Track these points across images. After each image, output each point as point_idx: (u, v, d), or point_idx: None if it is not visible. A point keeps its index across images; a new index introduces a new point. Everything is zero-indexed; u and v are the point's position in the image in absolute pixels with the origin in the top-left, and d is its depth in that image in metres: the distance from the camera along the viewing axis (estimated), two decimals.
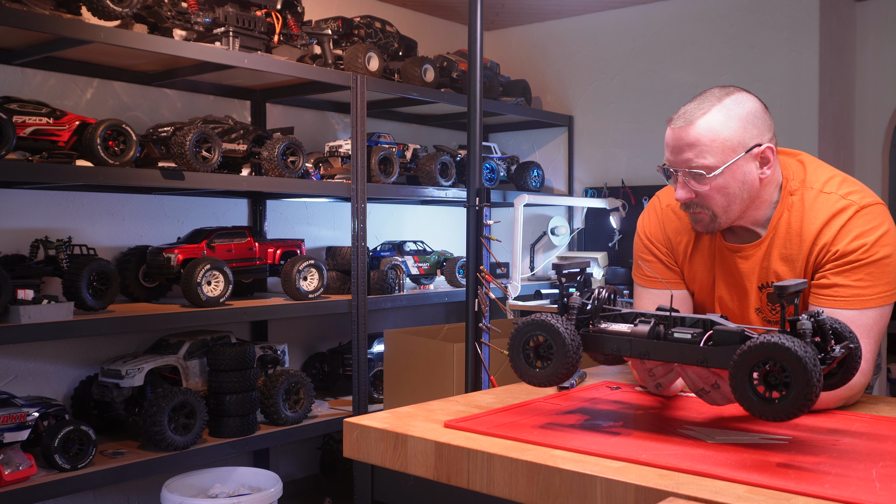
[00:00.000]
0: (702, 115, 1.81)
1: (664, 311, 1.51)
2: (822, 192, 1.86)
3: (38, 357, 3.26)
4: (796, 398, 1.26)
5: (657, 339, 1.48)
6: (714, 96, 1.83)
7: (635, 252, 2.16)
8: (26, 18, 2.62)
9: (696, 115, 1.81)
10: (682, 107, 1.86)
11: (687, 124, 1.82)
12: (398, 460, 1.54)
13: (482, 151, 3.71)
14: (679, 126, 1.83)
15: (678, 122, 1.83)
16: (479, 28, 2.92)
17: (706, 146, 1.80)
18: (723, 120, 1.80)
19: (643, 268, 2.10)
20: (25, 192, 3.21)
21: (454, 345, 3.26)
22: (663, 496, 1.19)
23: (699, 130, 1.80)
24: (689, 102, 1.85)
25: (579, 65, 4.95)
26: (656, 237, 2.10)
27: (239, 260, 3.46)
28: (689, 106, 1.84)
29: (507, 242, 4.30)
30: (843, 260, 1.79)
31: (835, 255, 1.80)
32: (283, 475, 3.73)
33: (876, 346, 1.81)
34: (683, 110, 1.84)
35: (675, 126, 1.84)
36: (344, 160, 3.80)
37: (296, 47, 3.54)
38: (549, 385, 1.51)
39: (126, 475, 2.89)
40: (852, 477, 1.25)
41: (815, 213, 1.84)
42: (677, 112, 1.86)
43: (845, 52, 4.36)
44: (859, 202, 1.82)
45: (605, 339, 1.53)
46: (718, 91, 1.84)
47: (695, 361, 1.45)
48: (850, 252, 1.79)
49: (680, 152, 1.83)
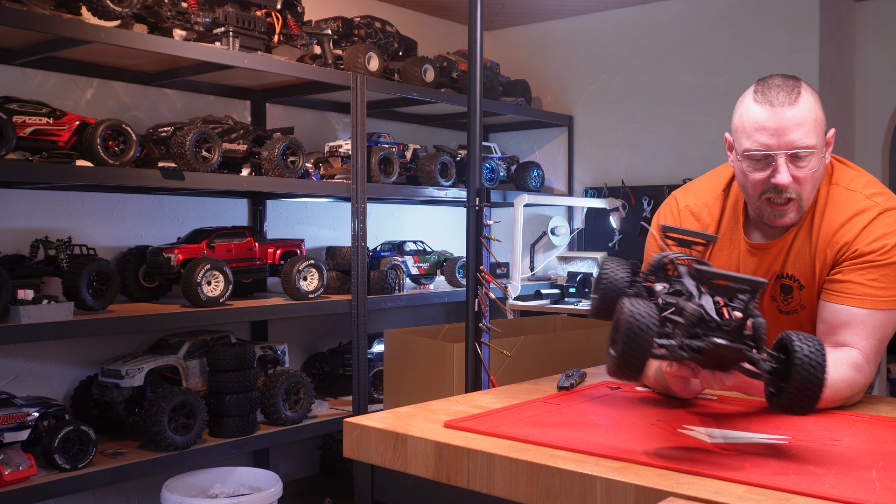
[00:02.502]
0: (799, 94, 1.74)
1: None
2: (848, 188, 1.85)
3: (38, 357, 3.26)
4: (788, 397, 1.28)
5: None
6: (789, 78, 1.77)
7: (647, 250, 2.11)
8: (26, 18, 2.62)
9: (793, 94, 1.74)
10: (761, 90, 1.78)
11: (791, 104, 1.74)
12: (398, 460, 1.53)
13: (482, 151, 3.72)
14: (783, 105, 1.74)
15: (780, 101, 1.74)
16: (479, 28, 2.92)
17: (811, 126, 1.75)
18: (815, 100, 1.77)
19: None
20: (25, 192, 3.21)
21: (454, 345, 3.26)
22: (663, 496, 1.19)
23: (804, 110, 1.74)
24: (766, 87, 1.77)
25: (579, 65, 4.95)
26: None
27: (239, 260, 3.46)
28: (770, 88, 1.76)
29: (507, 242, 4.30)
30: (860, 259, 1.79)
31: (854, 253, 1.80)
32: (283, 475, 3.73)
33: (881, 348, 1.80)
34: (774, 92, 1.75)
35: (777, 105, 1.74)
36: (344, 160, 3.80)
37: (296, 47, 3.54)
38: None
39: (126, 475, 2.89)
40: (852, 477, 1.25)
41: (838, 210, 1.83)
42: (761, 95, 1.77)
43: (845, 51, 4.36)
44: (883, 204, 1.81)
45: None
46: (781, 76, 1.79)
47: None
48: (869, 252, 1.78)
49: (785, 133, 1.74)
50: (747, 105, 1.81)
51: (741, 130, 1.81)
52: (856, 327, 1.77)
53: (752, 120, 1.78)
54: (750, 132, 1.78)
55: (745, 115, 1.81)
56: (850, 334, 1.76)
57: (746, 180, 1.83)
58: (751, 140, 1.78)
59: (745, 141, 1.80)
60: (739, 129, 1.82)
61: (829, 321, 1.81)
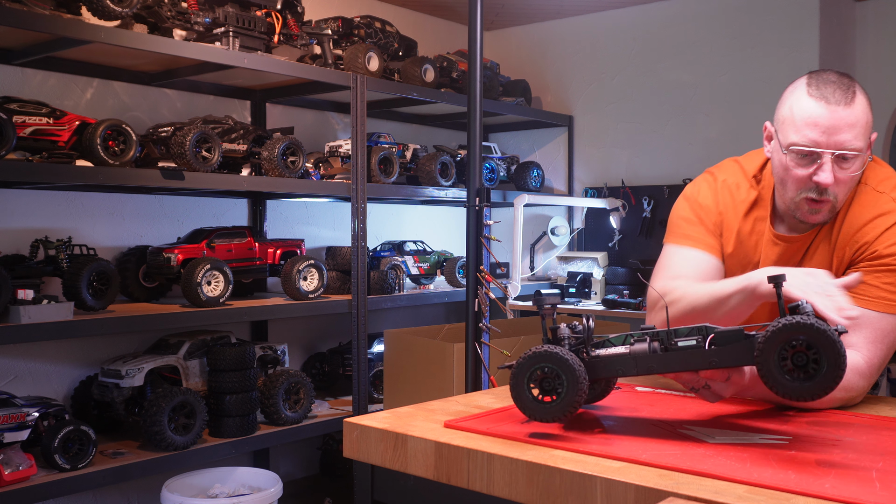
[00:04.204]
0: (854, 95, 1.70)
1: (648, 329, 1.51)
2: (876, 189, 1.82)
3: (38, 357, 3.26)
4: (829, 371, 1.29)
5: (660, 351, 1.47)
6: (844, 75, 1.73)
7: (675, 213, 2.03)
8: (26, 18, 2.62)
9: (849, 94, 1.70)
10: (815, 83, 1.73)
11: (847, 104, 1.69)
12: (398, 460, 1.53)
13: (482, 151, 3.72)
14: (839, 104, 1.69)
15: (836, 100, 1.69)
16: (479, 28, 2.92)
17: (862, 128, 1.71)
18: (867, 102, 1.74)
19: (683, 228, 1.98)
20: (25, 192, 3.21)
21: (454, 345, 3.26)
22: (663, 496, 1.19)
23: (858, 111, 1.70)
24: (821, 81, 1.72)
25: (579, 65, 4.95)
26: (707, 206, 1.97)
27: (239, 260, 3.46)
28: (826, 84, 1.71)
29: (507, 242, 4.30)
30: (878, 261, 1.77)
31: (872, 254, 1.78)
32: (283, 475, 3.73)
33: (887, 354, 1.78)
34: (830, 88, 1.70)
35: (833, 103, 1.69)
36: (344, 160, 3.80)
37: (296, 47, 3.54)
38: (563, 418, 1.46)
39: (126, 475, 2.89)
40: (852, 477, 1.25)
41: (863, 209, 1.81)
42: (816, 89, 1.72)
43: (845, 51, 4.36)
44: None
45: (609, 361, 1.51)
46: (836, 72, 1.75)
47: (705, 366, 1.44)
48: (888, 255, 1.76)
49: (837, 132, 1.69)
50: (799, 98, 1.74)
51: (790, 123, 1.75)
52: (864, 329, 1.75)
53: (805, 114, 1.72)
54: (800, 126, 1.72)
55: (796, 107, 1.74)
56: (858, 335, 1.74)
57: (787, 174, 1.78)
58: (800, 134, 1.72)
59: (794, 135, 1.73)
60: (788, 121, 1.76)
61: None
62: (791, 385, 1.32)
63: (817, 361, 1.30)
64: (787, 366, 1.32)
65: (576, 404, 1.45)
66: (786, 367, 1.32)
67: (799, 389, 1.32)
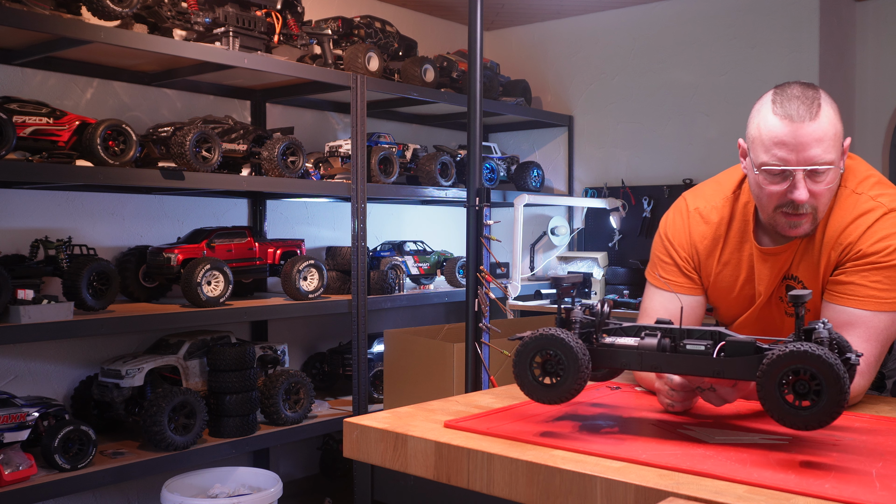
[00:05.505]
0: (819, 107, 1.68)
1: (664, 323, 1.50)
2: (855, 191, 1.82)
3: (38, 357, 3.26)
4: (828, 405, 1.27)
5: (668, 351, 1.46)
6: (808, 87, 1.72)
7: (653, 250, 2.07)
8: (26, 18, 2.62)
9: (813, 108, 1.68)
10: (779, 100, 1.72)
11: (812, 118, 1.68)
12: (398, 460, 1.53)
13: (482, 151, 3.72)
14: (803, 120, 1.68)
15: (800, 116, 1.68)
16: (479, 28, 2.92)
17: (831, 141, 1.69)
18: (834, 112, 1.72)
19: (658, 269, 2.02)
20: (25, 192, 3.21)
21: (454, 345, 3.26)
22: (663, 496, 1.19)
23: (824, 125, 1.68)
24: (785, 97, 1.71)
25: (579, 65, 4.95)
26: (679, 241, 2.00)
27: (239, 260, 3.45)
28: (790, 100, 1.70)
29: (507, 242, 4.30)
30: (863, 260, 1.77)
31: (857, 254, 1.78)
32: (283, 475, 3.73)
33: (882, 350, 1.79)
34: (794, 105, 1.69)
35: (797, 120, 1.68)
36: (344, 160, 3.80)
37: (296, 47, 3.54)
38: (561, 402, 1.46)
39: (126, 475, 2.89)
40: (852, 477, 1.25)
41: (843, 212, 1.81)
42: (780, 107, 1.71)
43: (845, 51, 4.36)
44: (889, 205, 1.78)
45: (615, 353, 1.50)
46: (800, 85, 1.74)
47: (710, 373, 1.43)
48: (872, 253, 1.76)
49: (805, 148, 1.69)
50: (765, 116, 1.74)
51: (758, 142, 1.75)
52: (858, 329, 1.76)
53: (771, 133, 1.71)
54: (768, 146, 1.72)
55: (762, 126, 1.74)
56: (852, 336, 1.75)
57: (762, 192, 1.79)
58: (769, 154, 1.72)
59: (763, 154, 1.73)
60: (756, 140, 1.76)
61: (831, 322, 1.81)
62: (787, 411, 1.31)
63: (818, 393, 1.28)
64: (787, 391, 1.31)
65: (575, 391, 1.45)
66: (785, 393, 1.31)
67: (794, 417, 1.30)
